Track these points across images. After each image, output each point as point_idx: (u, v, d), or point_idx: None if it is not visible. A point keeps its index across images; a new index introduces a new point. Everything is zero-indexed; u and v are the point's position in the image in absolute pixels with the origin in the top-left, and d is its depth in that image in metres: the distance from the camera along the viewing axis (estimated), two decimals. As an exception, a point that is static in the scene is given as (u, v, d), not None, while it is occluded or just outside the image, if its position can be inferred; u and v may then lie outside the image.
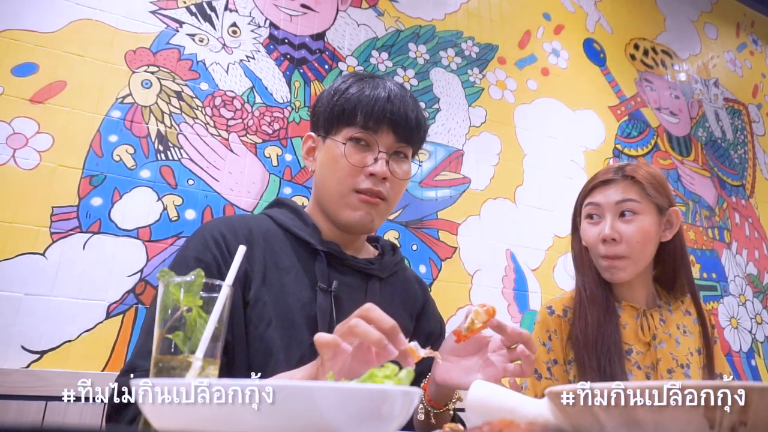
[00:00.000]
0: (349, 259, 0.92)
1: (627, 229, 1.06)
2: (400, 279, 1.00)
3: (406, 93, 0.92)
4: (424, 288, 1.06)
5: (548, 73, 2.48)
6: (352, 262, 0.92)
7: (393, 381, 0.47)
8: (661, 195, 1.09)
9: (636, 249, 1.06)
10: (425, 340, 0.96)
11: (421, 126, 0.93)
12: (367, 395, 0.38)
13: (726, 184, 2.83)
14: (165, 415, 0.38)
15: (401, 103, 0.89)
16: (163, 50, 1.73)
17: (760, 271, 2.76)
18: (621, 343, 1.05)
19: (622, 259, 1.06)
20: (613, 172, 1.10)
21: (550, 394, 0.50)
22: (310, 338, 0.80)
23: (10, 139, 1.46)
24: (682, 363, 1.08)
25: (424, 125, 0.95)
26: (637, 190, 1.07)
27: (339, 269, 0.91)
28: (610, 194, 1.08)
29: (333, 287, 0.88)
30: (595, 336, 1.04)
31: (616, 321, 1.07)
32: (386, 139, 0.89)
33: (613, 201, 1.07)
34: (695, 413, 0.40)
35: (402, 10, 2.22)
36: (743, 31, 3.27)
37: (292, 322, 0.82)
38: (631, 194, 1.07)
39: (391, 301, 0.95)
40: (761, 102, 3.18)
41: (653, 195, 1.08)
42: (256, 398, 0.35)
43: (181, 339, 0.52)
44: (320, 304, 0.85)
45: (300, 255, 0.89)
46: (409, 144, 0.92)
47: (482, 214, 2.10)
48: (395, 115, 0.88)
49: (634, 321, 1.11)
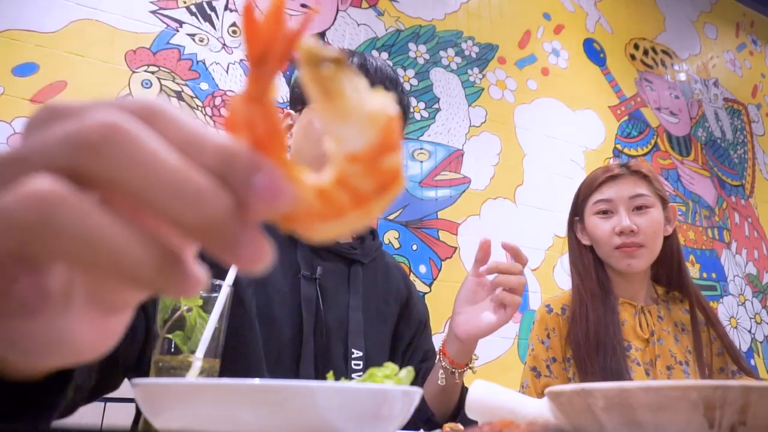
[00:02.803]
0: (332, 244, 0.87)
1: (642, 221, 1.09)
2: (381, 265, 0.96)
3: (383, 64, 0.90)
4: (404, 274, 1.03)
5: (548, 73, 2.48)
6: (333, 247, 0.87)
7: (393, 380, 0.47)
8: (663, 189, 1.15)
9: (651, 239, 1.10)
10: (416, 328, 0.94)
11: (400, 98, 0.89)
12: (367, 395, 0.38)
13: (726, 184, 2.83)
14: (165, 415, 0.38)
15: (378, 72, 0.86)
16: (163, 50, 1.73)
17: (759, 270, 2.76)
18: (622, 339, 1.06)
19: (640, 248, 1.09)
20: (619, 168, 1.13)
21: (550, 394, 0.50)
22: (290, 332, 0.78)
23: (10, 139, 1.46)
24: (680, 360, 1.08)
25: (405, 98, 0.92)
26: (645, 184, 1.12)
27: (321, 254, 0.86)
28: (622, 189, 1.11)
29: (317, 274, 0.82)
30: (596, 334, 1.05)
31: (616, 318, 1.08)
32: None
33: (626, 195, 1.11)
34: (695, 413, 0.40)
35: (402, 9, 2.22)
36: (743, 31, 3.27)
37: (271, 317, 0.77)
38: (641, 189, 1.11)
39: (374, 288, 0.91)
40: (761, 102, 3.18)
41: (659, 189, 1.13)
42: (256, 398, 0.35)
43: (181, 338, 0.52)
44: (305, 294, 0.80)
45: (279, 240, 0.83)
46: None
47: (482, 214, 2.10)
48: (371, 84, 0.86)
49: (633, 318, 1.12)
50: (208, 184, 0.17)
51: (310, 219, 0.20)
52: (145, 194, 0.16)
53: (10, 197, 0.16)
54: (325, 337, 0.80)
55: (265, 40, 0.19)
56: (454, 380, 0.80)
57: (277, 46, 0.19)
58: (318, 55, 0.20)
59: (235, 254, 0.17)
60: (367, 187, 0.20)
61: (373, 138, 0.20)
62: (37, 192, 0.15)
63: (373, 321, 0.87)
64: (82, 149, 0.16)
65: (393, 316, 0.92)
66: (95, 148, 0.16)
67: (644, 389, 0.42)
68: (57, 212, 0.15)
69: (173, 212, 0.17)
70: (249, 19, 0.19)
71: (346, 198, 0.20)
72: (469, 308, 0.79)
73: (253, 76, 0.19)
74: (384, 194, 0.20)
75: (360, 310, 0.85)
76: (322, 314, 0.81)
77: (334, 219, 0.20)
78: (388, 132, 0.20)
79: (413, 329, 0.94)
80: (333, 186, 0.20)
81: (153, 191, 0.16)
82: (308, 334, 0.78)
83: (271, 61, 0.19)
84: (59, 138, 0.16)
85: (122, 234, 0.16)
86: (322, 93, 0.20)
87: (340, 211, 0.20)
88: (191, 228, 0.17)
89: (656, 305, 1.15)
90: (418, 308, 0.98)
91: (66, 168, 0.16)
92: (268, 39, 0.19)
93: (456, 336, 0.79)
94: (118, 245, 0.16)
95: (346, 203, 0.20)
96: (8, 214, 0.15)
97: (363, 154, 0.20)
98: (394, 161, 0.20)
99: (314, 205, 0.20)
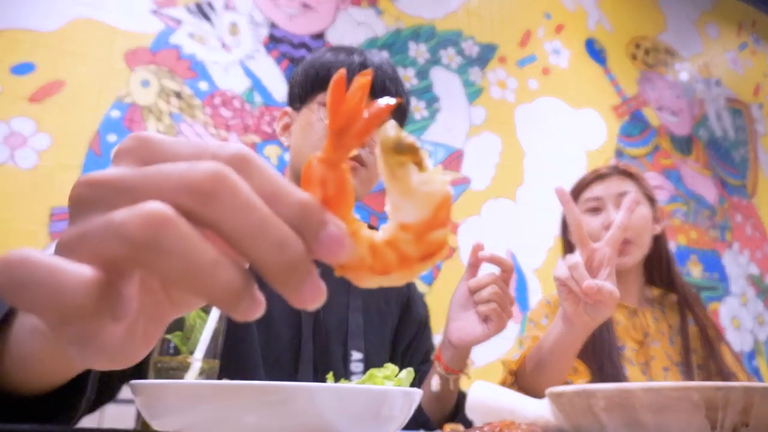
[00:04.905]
0: None
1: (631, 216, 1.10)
2: None
3: (384, 61, 0.88)
4: None
5: (549, 72, 2.47)
6: None
7: (393, 381, 0.46)
8: (650, 189, 1.19)
9: (639, 234, 1.12)
10: (416, 328, 0.93)
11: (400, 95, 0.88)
12: (367, 396, 0.38)
13: (727, 184, 2.82)
14: (164, 417, 0.38)
15: (378, 69, 0.85)
16: (163, 49, 1.72)
17: (761, 271, 2.75)
18: (615, 340, 1.08)
19: (628, 244, 1.11)
20: (607, 169, 1.18)
21: (551, 395, 0.49)
22: (288, 334, 0.77)
23: (8, 138, 1.46)
24: (677, 361, 1.09)
25: (405, 96, 0.91)
26: (632, 183, 1.16)
27: None
28: (610, 187, 1.15)
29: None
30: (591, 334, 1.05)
31: (609, 319, 1.08)
32: None
33: (615, 193, 1.14)
34: (697, 414, 0.40)
35: (402, 9, 2.22)
36: (744, 31, 3.27)
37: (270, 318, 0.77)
38: (628, 187, 1.15)
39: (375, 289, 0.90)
40: (763, 101, 3.17)
41: (646, 188, 1.17)
42: (256, 399, 0.35)
43: (181, 339, 0.51)
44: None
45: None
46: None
47: (483, 214, 2.09)
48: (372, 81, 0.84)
49: (627, 319, 1.13)
50: (290, 233, 0.20)
51: (361, 270, 0.23)
52: (239, 235, 0.19)
53: (128, 213, 0.18)
54: (325, 339, 0.80)
55: (348, 115, 0.22)
56: (449, 386, 0.80)
57: (358, 123, 0.22)
58: (395, 144, 0.23)
59: (299, 293, 0.20)
60: (413, 252, 0.23)
61: (426, 215, 0.23)
62: (154, 212, 0.18)
63: (373, 322, 0.87)
64: (195, 194, 0.19)
65: (393, 317, 0.92)
66: (208, 195, 0.19)
67: (645, 390, 0.42)
68: (167, 233, 0.18)
69: (258, 253, 0.20)
70: (337, 92, 0.22)
71: (394, 258, 0.23)
72: (463, 314, 0.78)
73: (331, 143, 0.22)
74: (427, 261, 0.23)
75: (360, 312, 0.84)
76: (321, 315, 0.80)
77: (381, 274, 0.23)
78: (440, 211, 0.23)
79: (413, 330, 0.93)
80: (384, 245, 0.23)
81: (246, 234, 0.19)
82: (307, 335, 0.78)
83: (350, 136, 0.22)
84: (175, 180, 0.19)
85: (216, 259, 0.19)
86: (391, 174, 0.23)
87: (387, 268, 0.23)
88: (271, 267, 0.20)
89: (651, 307, 1.16)
90: (419, 309, 0.98)
91: (176, 205, 0.19)
92: (351, 115, 0.22)
93: (450, 342, 0.78)
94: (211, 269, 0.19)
95: (394, 262, 0.23)
96: (125, 228, 0.18)
97: (415, 226, 0.23)
98: (440, 235, 0.23)
99: (366, 259, 0.23)
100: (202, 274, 0.19)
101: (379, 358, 0.84)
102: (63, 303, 0.18)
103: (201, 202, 0.19)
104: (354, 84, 0.22)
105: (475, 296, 0.77)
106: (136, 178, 0.20)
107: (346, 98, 0.22)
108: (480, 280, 0.78)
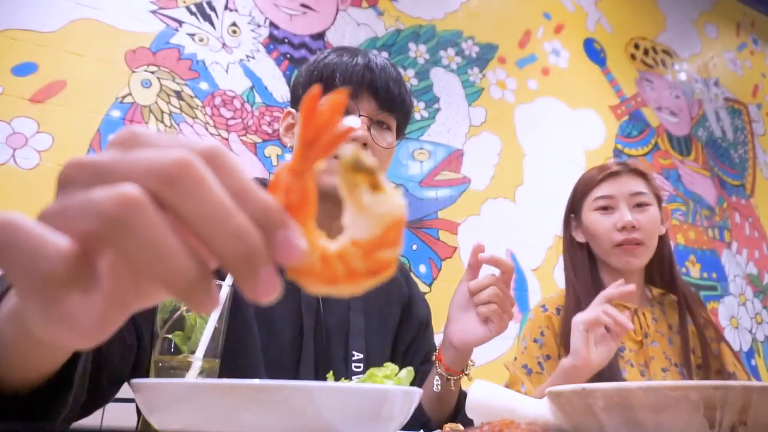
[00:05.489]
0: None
1: (642, 217, 1.10)
2: None
3: (387, 63, 0.88)
4: (406, 274, 1.01)
5: (548, 72, 2.48)
6: None
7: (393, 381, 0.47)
8: (659, 189, 1.17)
9: (650, 236, 1.11)
10: (417, 328, 0.93)
11: (404, 97, 0.88)
12: (367, 395, 0.38)
13: (726, 184, 2.83)
14: (165, 415, 0.38)
15: (382, 71, 0.85)
16: (163, 50, 1.73)
17: (760, 270, 2.76)
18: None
19: (639, 245, 1.10)
20: (618, 166, 1.15)
21: (551, 394, 0.49)
22: (290, 334, 0.77)
23: (9, 138, 1.46)
24: (676, 362, 1.08)
25: (408, 97, 0.90)
26: (644, 182, 1.14)
27: None
28: (623, 186, 1.12)
29: None
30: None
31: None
32: (367, 106, 0.84)
33: (627, 192, 1.12)
34: (695, 413, 0.40)
35: (402, 9, 2.22)
36: (743, 31, 3.27)
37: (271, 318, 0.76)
38: (641, 187, 1.13)
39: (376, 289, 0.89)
40: (761, 102, 3.18)
41: (655, 188, 1.15)
42: (257, 398, 0.35)
43: (181, 338, 0.52)
44: (305, 295, 0.78)
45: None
46: (391, 113, 0.87)
47: (482, 214, 2.10)
48: (375, 82, 0.84)
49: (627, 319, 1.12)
50: (248, 224, 0.21)
51: (310, 276, 0.24)
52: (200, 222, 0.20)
53: (105, 192, 0.19)
54: (326, 339, 0.80)
55: (318, 129, 0.24)
56: (450, 387, 0.80)
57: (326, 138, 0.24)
58: (353, 163, 0.24)
59: (253, 285, 0.21)
60: (360, 267, 0.24)
61: (376, 234, 0.24)
62: (127, 194, 0.19)
63: (375, 322, 0.86)
64: (161, 177, 0.20)
65: (395, 317, 0.91)
66: (172, 180, 0.20)
67: (644, 389, 0.42)
68: (137, 214, 0.19)
69: (217, 240, 0.21)
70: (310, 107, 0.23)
71: (342, 270, 0.24)
72: (463, 315, 0.78)
73: (299, 154, 0.24)
74: (373, 277, 0.25)
75: (361, 312, 0.84)
76: (322, 315, 0.80)
77: (328, 283, 0.24)
78: (390, 231, 0.24)
79: (414, 330, 0.93)
80: (335, 257, 0.24)
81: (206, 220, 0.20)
82: (308, 335, 0.78)
83: (318, 148, 0.24)
84: (144, 164, 0.21)
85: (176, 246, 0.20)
86: (348, 191, 0.24)
87: (334, 279, 0.24)
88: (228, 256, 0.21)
89: (651, 307, 1.15)
90: (420, 308, 0.97)
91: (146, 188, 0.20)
92: (321, 130, 0.24)
93: (451, 344, 0.78)
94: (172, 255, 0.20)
95: (341, 274, 0.24)
96: (99, 204, 0.19)
97: (364, 243, 0.24)
98: (389, 255, 0.24)
99: (317, 266, 0.24)
100: (162, 258, 0.20)
101: (380, 358, 0.84)
102: (39, 267, 0.19)
103: (166, 186, 0.20)
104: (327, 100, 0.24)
105: (476, 298, 0.77)
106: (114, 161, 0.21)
107: (318, 113, 0.23)
108: (480, 281, 0.77)
